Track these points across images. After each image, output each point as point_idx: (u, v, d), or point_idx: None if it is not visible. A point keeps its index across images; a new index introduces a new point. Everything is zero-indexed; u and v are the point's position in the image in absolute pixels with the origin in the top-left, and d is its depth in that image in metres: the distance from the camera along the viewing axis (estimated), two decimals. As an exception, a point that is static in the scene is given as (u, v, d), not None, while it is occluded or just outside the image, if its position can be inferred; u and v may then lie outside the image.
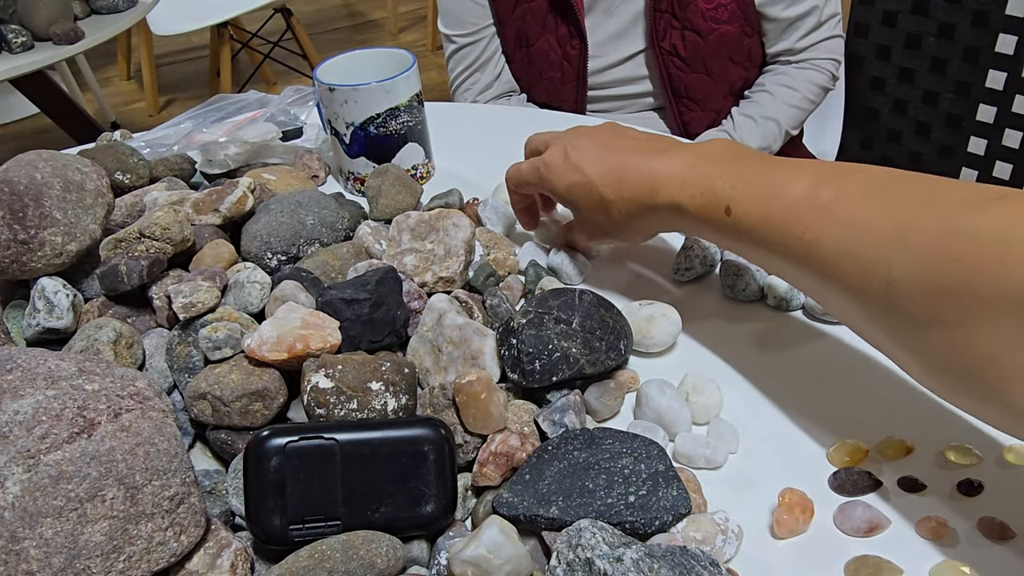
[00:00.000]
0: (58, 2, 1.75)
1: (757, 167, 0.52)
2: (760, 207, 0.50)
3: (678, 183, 0.55)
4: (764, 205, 0.50)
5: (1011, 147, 1.30)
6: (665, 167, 0.56)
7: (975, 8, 1.23)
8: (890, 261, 0.42)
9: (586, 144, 0.62)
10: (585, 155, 0.61)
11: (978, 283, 0.37)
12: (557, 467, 0.49)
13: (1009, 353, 0.37)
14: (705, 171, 0.54)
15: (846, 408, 0.55)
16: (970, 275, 0.38)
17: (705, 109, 1.14)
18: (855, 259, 0.44)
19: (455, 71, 1.21)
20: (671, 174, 0.56)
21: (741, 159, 0.54)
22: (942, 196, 0.42)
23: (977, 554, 0.45)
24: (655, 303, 0.61)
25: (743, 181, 0.52)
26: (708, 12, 1.05)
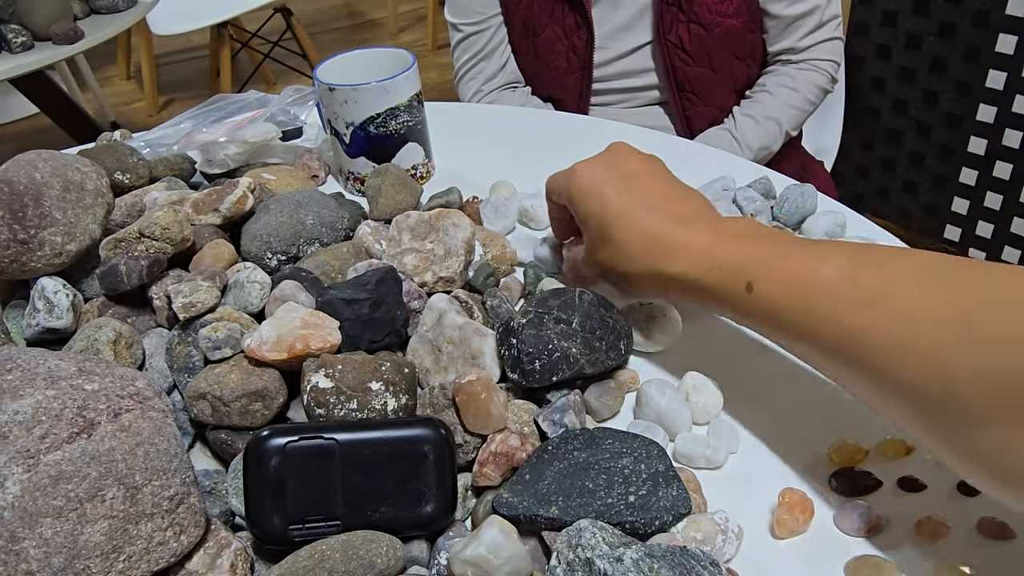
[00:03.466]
0: (58, 2, 1.75)
1: (785, 246, 0.49)
2: (788, 288, 0.47)
3: (697, 255, 0.52)
4: (793, 286, 0.47)
5: (1011, 147, 1.30)
6: (687, 235, 0.53)
7: (975, 8, 1.23)
8: (950, 354, 0.38)
9: (617, 168, 0.58)
10: (613, 179, 0.57)
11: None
12: (557, 467, 0.49)
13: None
14: (728, 247, 0.51)
15: (846, 408, 0.55)
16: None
17: (708, 104, 1.14)
18: (907, 350, 0.40)
19: (460, 60, 1.21)
20: (689, 245, 0.52)
21: (767, 237, 0.51)
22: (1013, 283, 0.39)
23: (977, 554, 0.45)
24: (655, 303, 0.61)
25: (769, 258, 0.49)
26: (714, 6, 1.05)
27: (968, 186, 1.39)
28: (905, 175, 1.47)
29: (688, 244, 0.52)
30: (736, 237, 0.52)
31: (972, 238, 1.45)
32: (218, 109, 0.97)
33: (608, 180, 0.57)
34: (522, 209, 0.77)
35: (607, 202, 0.56)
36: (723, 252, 0.51)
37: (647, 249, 0.54)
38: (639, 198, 0.55)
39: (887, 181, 1.51)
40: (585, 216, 0.58)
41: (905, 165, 1.46)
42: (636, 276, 0.55)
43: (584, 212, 0.57)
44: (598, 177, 0.57)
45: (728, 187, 0.76)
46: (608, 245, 0.56)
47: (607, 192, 0.56)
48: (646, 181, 0.57)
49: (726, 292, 0.50)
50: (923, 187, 1.46)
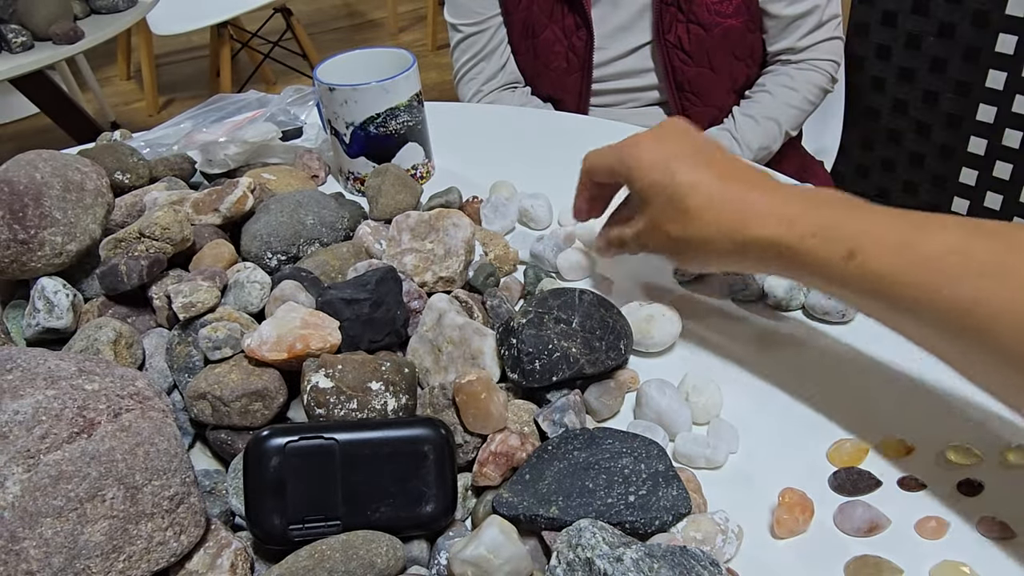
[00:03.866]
0: (58, 2, 1.75)
1: (887, 215, 0.47)
2: (894, 259, 0.45)
3: (788, 220, 0.49)
4: (899, 256, 0.45)
5: (1011, 147, 1.30)
6: (773, 200, 0.51)
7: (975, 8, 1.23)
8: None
9: (684, 142, 0.56)
10: (680, 154, 0.55)
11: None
12: (557, 467, 0.49)
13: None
14: (824, 212, 0.49)
15: (846, 408, 0.55)
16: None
17: (707, 105, 1.14)
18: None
19: (460, 61, 1.21)
20: (777, 211, 0.50)
21: (864, 206, 0.49)
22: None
23: (977, 554, 0.45)
24: (655, 303, 0.61)
25: (872, 226, 0.47)
26: (713, 6, 1.05)
27: (968, 186, 1.39)
28: (905, 175, 1.47)
29: (776, 208, 0.50)
30: (830, 203, 0.50)
31: (972, 238, 1.44)
32: (218, 109, 0.97)
33: (675, 152, 0.55)
34: (522, 209, 0.77)
35: (676, 173, 0.54)
36: (818, 217, 0.49)
37: (729, 215, 0.51)
38: (713, 169, 0.54)
39: (887, 181, 1.51)
40: (649, 188, 0.55)
41: (905, 165, 1.46)
42: (712, 243, 0.53)
43: (648, 184, 0.55)
44: (664, 149, 0.55)
45: (728, 187, 0.75)
46: (680, 215, 0.53)
47: (675, 164, 0.54)
48: (716, 154, 0.55)
49: (822, 260, 0.48)
50: (923, 187, 1.46)
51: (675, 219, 0.54)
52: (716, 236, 0.52)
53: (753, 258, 0.52)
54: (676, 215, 0.54)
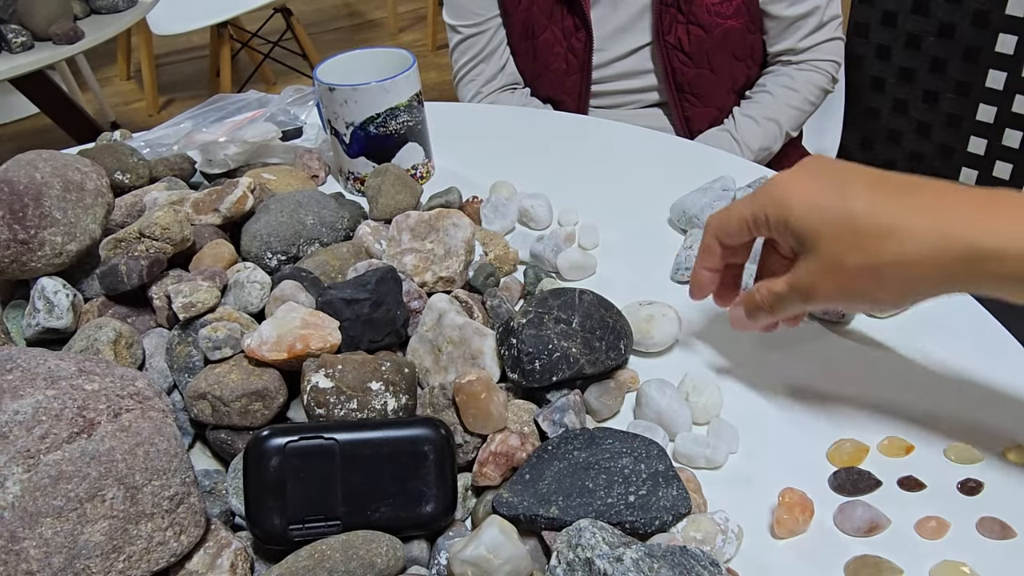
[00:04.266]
0: (58, 2, 1.75)
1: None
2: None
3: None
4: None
5: (1011, 147, 1.30)
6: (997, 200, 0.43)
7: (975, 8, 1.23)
8: None
9: (843, 167, 0.48)
10: (847, 177, 0.46)
11: None
12: (557, 467, 0.49)
13: None
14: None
15: (846, 408, 0.55)
16: None
17: (708, 105, 1.14)
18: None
19: (459, 62, 1.21)
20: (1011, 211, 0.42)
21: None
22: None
23: (977, 554, 0.45)
24: (655, 303, 0.61)
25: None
26: (713, 7, 1.05)
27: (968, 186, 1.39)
28: (905, 175, 1.47)
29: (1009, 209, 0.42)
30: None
31: (972, 238, 1.45)
32: (218, 109, 0.97)
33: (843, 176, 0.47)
34: (522, 209, 0.77)
35: (856, 194, 0.45)
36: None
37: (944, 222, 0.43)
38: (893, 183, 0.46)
39: (887, 181, 1.51)
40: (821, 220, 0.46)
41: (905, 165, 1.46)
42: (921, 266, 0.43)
43: (818, 216, 0.46)
44: (827, 176, 0.47)
45: (728, 187, 0.76)
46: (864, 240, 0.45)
47: (851, 186, 0.46)
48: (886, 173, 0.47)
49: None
50: (923, 187, 1.46)
51: (860, 246, 0.45)
52: (923, 254, 0.43)
53: (974, 275, 0.43)
54: (858, 240, 0.45)
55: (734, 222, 0.51)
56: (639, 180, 0.84)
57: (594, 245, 0.74)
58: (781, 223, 0.48)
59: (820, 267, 0.47)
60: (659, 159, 0.88)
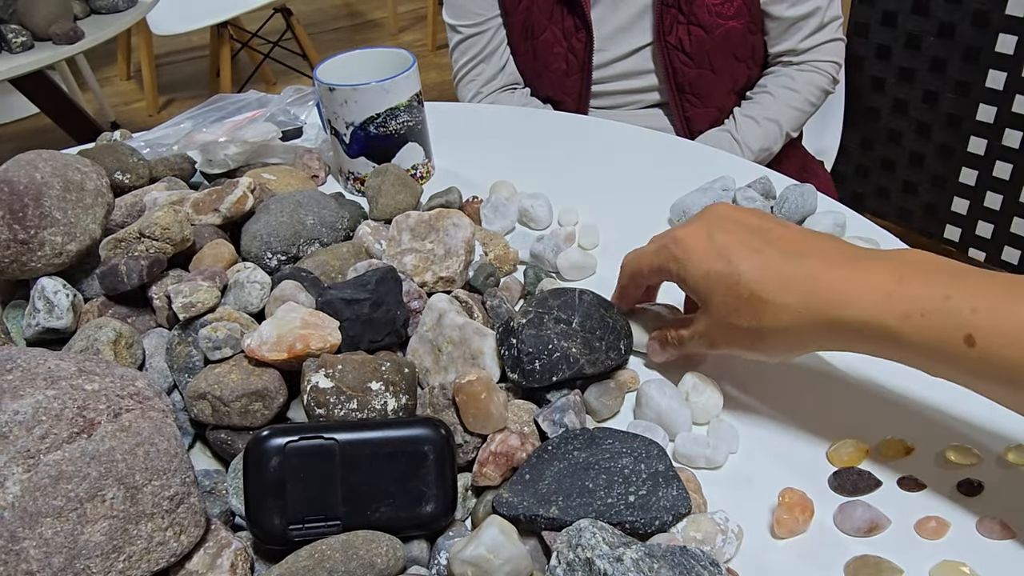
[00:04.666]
0: (58, 2, 1.75)
1: (995, 285, 0.42)
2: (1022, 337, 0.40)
3: (881, 297, 0.44)
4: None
5: (1011, 147, 1.30)
6: (858, 274, 0.45)
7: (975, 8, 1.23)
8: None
9: (735, 227, 0.50)
10: (735, 240, 0.49)
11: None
12: (557, 467, 0.49)
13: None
14: (922, 286, 0.43)
15: (846, 408, 0.55)
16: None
17: (708, 106, 1.14)
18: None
19: (459, 62, 1.21)
20: (868, 285, 0.44)
21: (963, 274, 0.43)
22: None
23: (977, 554, 0.45)
24: (659, 305, 0.61)
25: (987, 303, 0.41)
26: (714, 7, 1.05)
27: (968, 186, 1.39)
28: (905, 175, 1.47)
29: (866, 284, 0.44)
30: (927, 272, 0.44)
31: (972, 238, 1.45)
32: (218, 109, 0.97)
33: (733, 239, 0.49)
34: (522, 209, 0.77)
35: (735, 258, 0.48)
36: (918, 292, 0.43)
37: (811, 297, 0.46)
38: (779, 247, 0.48)
39: (887, 181, 1.51)
40: (709, 283, 0.49)
41: (905, 165, 1.46)
42: (792, 331, 0.47)
43: (706, 279, 0.49)
44: (718, 239, 0.50)
45: (728, 187, 0.76)
46: (749, 306, 0.48)
47: (737, 251, 0.48)
48: (777, 231, 0.50)
49: (936, 345, 0.42)
50: (923, 187, 1.46)
51: (743, 311, 0.48)
52: (795, 323, 0.47)
53: (843, 340, 0.46)
54: (743, 306, 0.48)
55: (644, 269, 0.55)
56: (639, 180, 0.84)
57: (594, 245, 0.74)
58: (680, 280, 0.52)
59: (715, 324, 0.51)
60: (659, 159, 0.88)
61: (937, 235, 1.50)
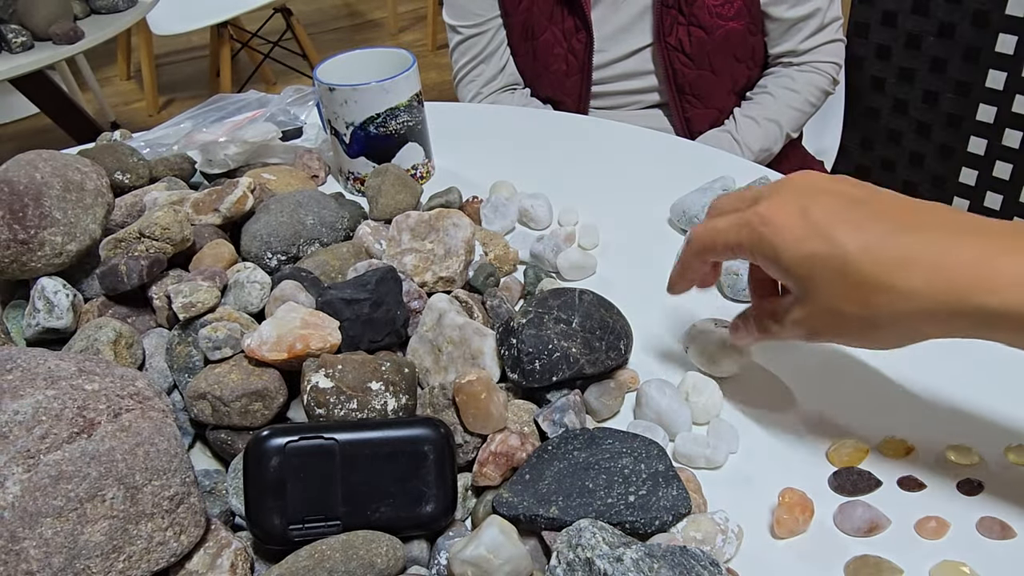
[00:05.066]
0: (58, 2, 1.75)
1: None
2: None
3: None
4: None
5: (1011, 147, 1.30)
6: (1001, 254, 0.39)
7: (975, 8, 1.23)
8: None
9: (832, 200, 0.44)
10: (835, 215, 0.43)
11: None
12: (557, 467, 0.49)
13: None
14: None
15: (846, 408, 0.55)
16: None
17: (708, 107, 1.14)
18: None
19: (459, 63, 1.21)
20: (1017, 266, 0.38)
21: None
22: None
23: (977, 554, 0.45)
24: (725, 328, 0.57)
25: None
26: (714, 8, 1.05)
27: (968, 186, 1.39)
28: (905, 175, 1.47)
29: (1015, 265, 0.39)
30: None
31: (972, 238, 1.45)
32: (218, 109, 0.97)
33: (832, 214, 0.43)
34: (522, 209, 0.77)
35: (839, 237, 0.42)
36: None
37: (942, 282, 0.40)
38: (889, 220, 0.42)
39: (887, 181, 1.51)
40: (811, 268, 0.44)
41: (905, 165, 1.46)
42: (918, 320, 0.41)
43: (807, 263, 0.44)
44: (814, 214, 0.44)
45: (728, 187, 0.76)
46: (859, 290, 0.42)
47: (840, 228, 0.43)
48: (882, 199, 0.44)
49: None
50: (923, 187, 1.46)
51: (852, 297, 0.43)
52: (919, 310, 0.41)
53: (976, 329, 0.41)
54: (853, 292, 0.42)
55: (719, 246, 0.49)
56: (639, 180, 0.84)
57: (594, 245, 0.74)
58: (771, 263, 0.46)
59: (818, 311, 0.45)
60: (659, 159, 0.88)
61: (937, 235, 1.50)
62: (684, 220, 0.74)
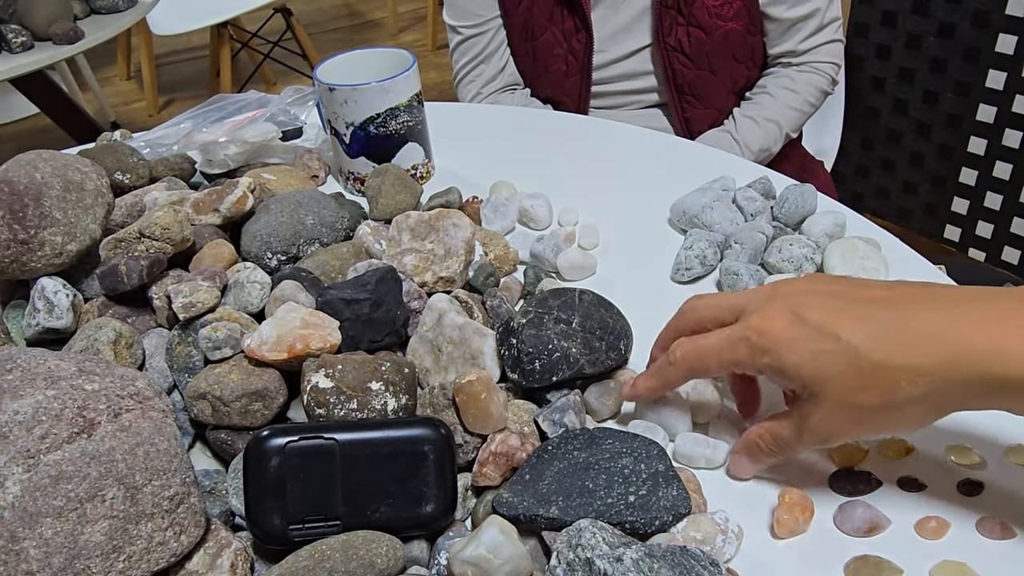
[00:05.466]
0: (58, 2, 1.75)
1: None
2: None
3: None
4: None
5: (1011, 147, 1.30)
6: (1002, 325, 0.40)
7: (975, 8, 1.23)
8: None
9: (822, 300, 0.45)
10: (832, 314, 0.43)
11: None
12: (557, 467, 0.49)
13: None
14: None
15: (846, 408, 0.55)
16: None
17: (707, 107, 1.14)
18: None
19: (459, 63, 1.21)
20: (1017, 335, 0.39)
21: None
22: None
23: (977, 554, 0.45)
24: None
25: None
26: (714, 9, 1.05)
27: (968, 186, 1.39)
28: (905, 175, 1.47)
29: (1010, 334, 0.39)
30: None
31: (972, 238, 1.45)
32: (218, 109, 0.97)
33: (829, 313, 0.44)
34: (522, 209, 0.77)
35: (851, 333, 0.42)
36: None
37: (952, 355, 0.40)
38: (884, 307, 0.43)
39: (887, 181, 1.51)
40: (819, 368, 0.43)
41: (905, 165, 1.46)
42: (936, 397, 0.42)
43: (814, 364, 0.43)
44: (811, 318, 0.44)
45: (728, 187, 0.76)
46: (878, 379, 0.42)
47: (842, 324, 0.43)
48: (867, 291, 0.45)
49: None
50: (923, 187, 1.46)
51: (869, 387, 0.42)
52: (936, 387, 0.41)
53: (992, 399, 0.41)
54: (868, 381, 0.42)
55: (712, 365, 0.48)
56: (639, 180, 0.84)
57: (594, 245, 0.74)
58: (775, 372, 0.45)
59: (832, 410, 0.44)
60: (659, 159, 0.88)
61: (937, 235, 1.50)
62: (684, 220, 0.74)
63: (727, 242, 0.69)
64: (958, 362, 0.40)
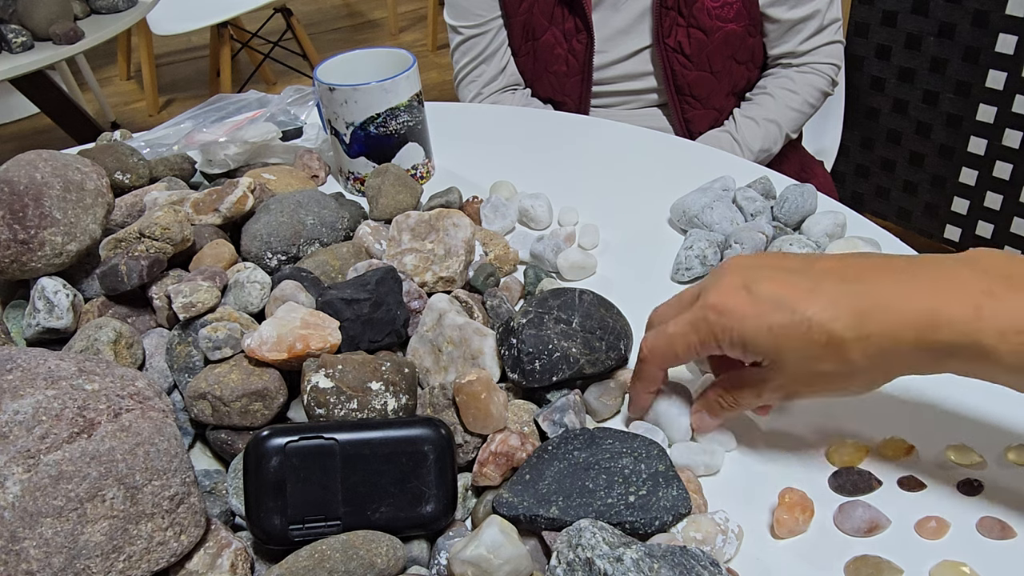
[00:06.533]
0: (58, 2, 1.75)
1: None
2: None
3: (971, 314, 0.40)
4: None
5: (1011, 147, 1.30)
6: (940, 292, 0.42)
7: (975, 8, 1.24)
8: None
9: (773, 273, 0.46)
10: (783, 287, 0.45)
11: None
12: (557, 467, 0.49)
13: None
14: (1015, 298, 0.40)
15: (846, 408, 0.55)
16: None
17: (707, 107, 1.14)
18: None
19: (460, 63, 1.21)
20: (954, 301, 0.41)
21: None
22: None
23: (977, 554, 0.45)
24: None
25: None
26: (714, 10, 1.05)
27: (968, 186, 1.39)
28: (905, 175, 1.47)
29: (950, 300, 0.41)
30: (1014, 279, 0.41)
31: (972, 238, 1.45)
32: (218, 109, 0.97)
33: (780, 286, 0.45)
34: (522, 209, 0.77)
35: (804, 305, 0.44)
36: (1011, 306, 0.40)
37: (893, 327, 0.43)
38: (831, 279, 0.45)
39: (887, 181, 1.51)
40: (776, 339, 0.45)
41: (905, 165, 1.46)
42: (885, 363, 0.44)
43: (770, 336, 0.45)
44: (763, 291, 0.46)
45: (728, 187, 0.76)
46: (832, 348, 0.44)
47: (793, 297, 0.45)
48: (816, 264, 0.47)
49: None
50: (923, 187, 1.46)
51: (824, 356, 0.44)
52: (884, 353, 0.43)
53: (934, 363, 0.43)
54: (823, 352, 0.44)
55: (680, 350, 0.49)
56: (639, 180, 0.84)
57: (594, 245, 0.74)
58: (736, 347, 0.47)
59: (793, 376, 0.47)
60: (659, 159, 0.88)
61: (937, 235, 1.50)
62: (684, 220, 0.74)
63: (727, 242, 0.69)
64: (903, 329, 0.42)
